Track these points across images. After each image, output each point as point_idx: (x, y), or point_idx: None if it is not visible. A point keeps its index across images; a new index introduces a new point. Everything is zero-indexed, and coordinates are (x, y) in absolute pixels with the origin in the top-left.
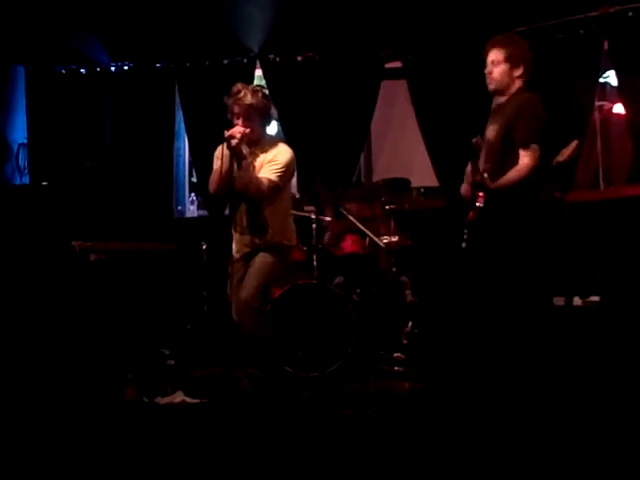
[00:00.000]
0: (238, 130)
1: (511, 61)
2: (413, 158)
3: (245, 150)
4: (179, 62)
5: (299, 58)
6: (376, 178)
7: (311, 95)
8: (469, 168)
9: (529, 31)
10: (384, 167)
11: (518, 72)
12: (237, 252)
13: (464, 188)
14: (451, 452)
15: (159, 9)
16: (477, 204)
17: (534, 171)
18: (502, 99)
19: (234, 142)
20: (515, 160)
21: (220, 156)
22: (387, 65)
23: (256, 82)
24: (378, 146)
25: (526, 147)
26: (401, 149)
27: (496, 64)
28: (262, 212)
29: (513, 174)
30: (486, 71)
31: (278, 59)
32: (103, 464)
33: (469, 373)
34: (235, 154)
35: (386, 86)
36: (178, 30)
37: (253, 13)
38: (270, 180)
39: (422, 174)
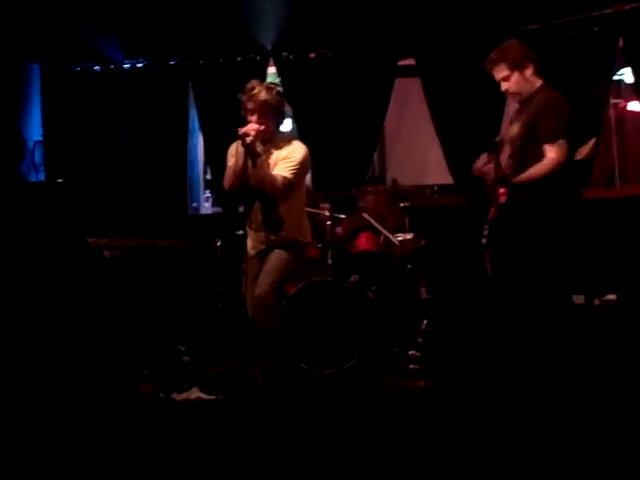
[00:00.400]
0: (252, 127)
1: (517, 67)
2: (427, 155)
3: (259, 147)
4: (193, 60)
5: (312, 55)
6: (390, 175)
7: (324, 92)
8: (484, 158)
9: (542, 29)
10: (398, 165)
11: (529, 71)
12: (252, 249)
13: (476, 169)
14: (466, 450)
15: (172, 7)
16: (500, 201)
17: (560, 165)
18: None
19: (248, 139)
20: (538, 157)
21: (234, 153)
22: (400, 62)
23: (269, 80)
24: (392, 144)
25: (552, 142)
26: (415, 146)
27: (507, 79)
28: (277, 209)
29: (537, 169)
30: (503, 90)
31: (291, 56)
32: (119, 459)
33: (485, 371)
34: (249, 151)
35: (399, 83)
36: (192, 28)
37: (266, 10)
38: (284, 177)
39: (436, 171)
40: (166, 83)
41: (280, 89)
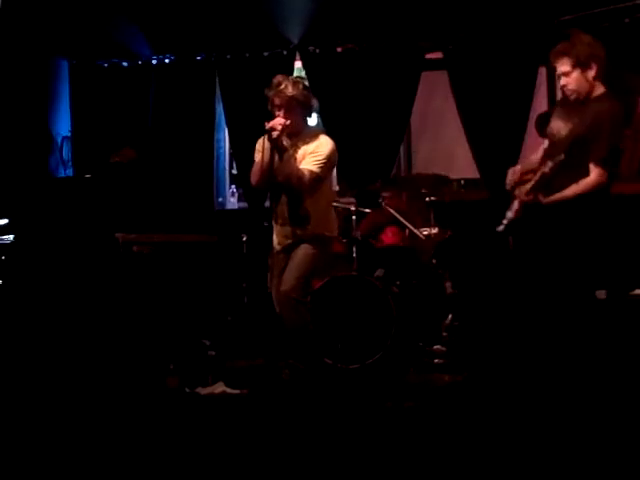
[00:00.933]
0: (279, 122)
1: (581, 65)
2: (453, 150)
3: (286, 142)
4: (219, 54)
5: (339, 49)
6: (416, 170)
7: (351, 87)
8: (516, 172)
9: (573, 20)
10: (424, 159)
11: (592, 73)
12: (278, 244)
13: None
14: (492, 445)
15: (199, 2)
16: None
17: (598, 188)
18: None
19: (275, 134)
20: (582, 168)
21: (261, 149)
22: (427, 56)
23: (296, 74)
24: (418, 138)
25: (598, 164)
26: (441, 141)
27: (567, 74)
28: (303, 203)
29: (575, 188)
30: (561, 84)
31: (318, 51)
32: (145, 452)
33: (510, 365)
34: (276, 146)
35: (426, 77)
36: (218, 23)
37: (293, 5)
38: (311, 171)
39: (462, 166)
40: (193, 78)
41: (307, 83)
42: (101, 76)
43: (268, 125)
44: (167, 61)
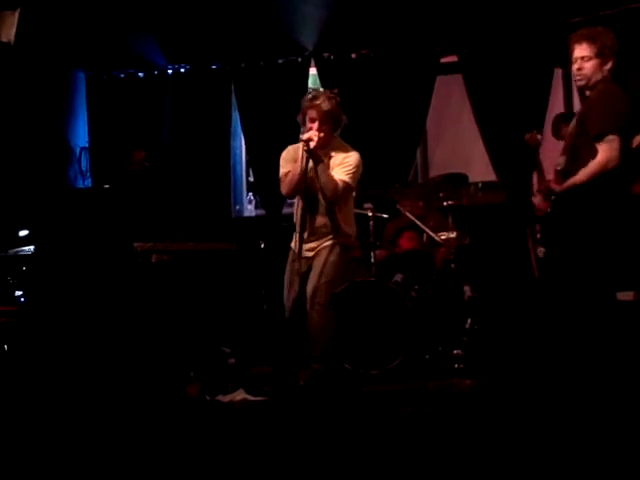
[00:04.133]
0: (315, 134)
1: (602, 55)
2: (470, 153)
3: (321, 154)
4: (234, 63)
5: (353, 56)
6: (432, 174)
7: (366, 92)
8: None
9: (585, 22)
10: (440, 163)
11: (608, 66)
12: (302, 250)
13: (538, 200)
14: (513, 448)
15: (213, 11)
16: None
17: (607, 166)
18: (588, 93)
19: (312, 144)
20: (591, 155)
21: (290, 159)
22: (442, 60)
23: (310, 81)
24: (434, 142)
25: (600, 140)
26: (457, 144)
27: (587, 60)
28: (330, 212)
29: (583, 172)
30: (575, 67)
31: (332, 57)
32: (167, 461)
33: (530, 369)
34: (312, 156)
35: (441, 81)
36: (233, 31)
37: (307, 12)
38: (344, 181)
39: (479, 169)
40: (209, 87)
41: (339, 99)
42: (118, 87)
43: (305, 136)
44: (182, 71)
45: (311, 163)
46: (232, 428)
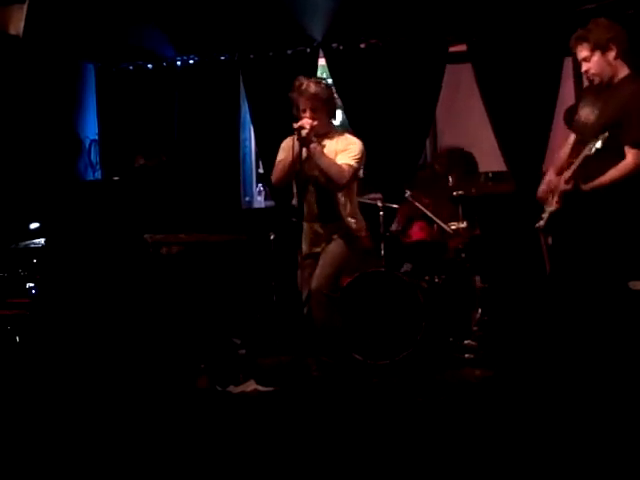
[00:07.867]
0: (307, 121)
1: (599, 48)
2: (480, 143)
3: (314, 141)
4: (243, 54)
5: (362, 46)
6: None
7: (375, 82)
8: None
9: (598, 8)
10: None
11: (612, 54)
12: (308, 242)
13: (542, 191)
14: (524, 439)
15: (222, 2)
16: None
17: (636, 171)
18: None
19: (304, 132)
20: (618, 153)
21: (286, 147)
22: (451, 49)
23: (320, 71)
24: (444, 131)
25: (633, 147)
26: (467, 134)
27: (588, 59)
28: (332, 200)
29: (614, 173)
30: (583, 70)
31: (341, 47)
32: (178, 452)
33: (541, 359)
34: (305, 144)
35: (450, 70)
36: (241, 22)
37: (315, 2)
38: (350, 165)
39: (489, 159)
40: (217, 78)
41: (329, 81)
42: (126, 79)
43: (296, 124)
44: (191, 62)
45: (305, 152)
46: (243, 419)
